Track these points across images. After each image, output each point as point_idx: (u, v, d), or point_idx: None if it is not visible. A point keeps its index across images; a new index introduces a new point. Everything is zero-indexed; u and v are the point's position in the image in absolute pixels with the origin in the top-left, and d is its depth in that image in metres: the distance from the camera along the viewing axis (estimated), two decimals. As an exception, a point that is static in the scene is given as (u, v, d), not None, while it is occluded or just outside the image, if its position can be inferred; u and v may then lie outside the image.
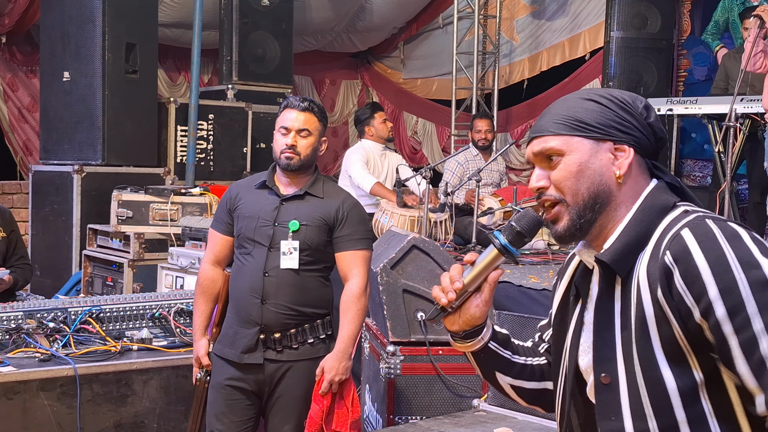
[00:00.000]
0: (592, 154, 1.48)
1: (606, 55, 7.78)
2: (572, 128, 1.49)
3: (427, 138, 10.50)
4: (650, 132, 1.50)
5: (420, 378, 3.73)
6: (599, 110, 1.49)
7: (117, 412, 3.37)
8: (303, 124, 3.12)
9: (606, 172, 1.48)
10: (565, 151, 1.49)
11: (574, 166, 1.48)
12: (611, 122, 1.48)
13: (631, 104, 1.50)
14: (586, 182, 1.47)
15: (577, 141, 1.48)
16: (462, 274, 1.54)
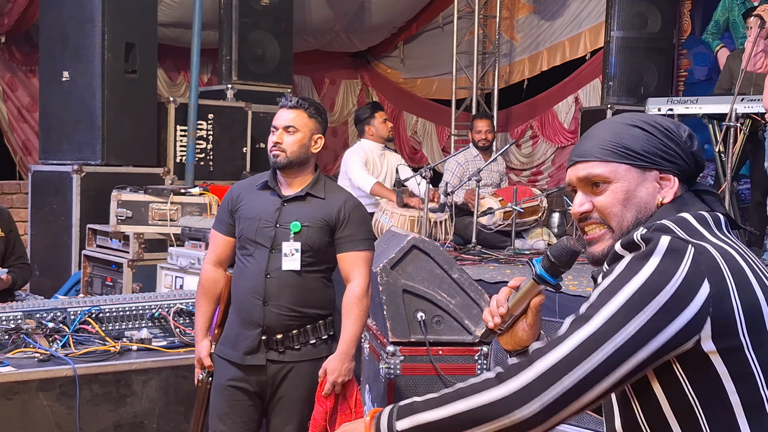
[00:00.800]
0: (639, 183, 1.48)
1: (606, 54, 7.78)
2: (619, 155, 1.49)
3: (427, 138, 10.49)
4: (693, 161, 1.51)
5: (420, 378, 3.72)
6: (645, 138, 1.49)
7: (116, 412, 3.36)
8: (289, 121, 3.12)
9: (651, 200, 1.49)
10: (612, 179, 1.49)
11: (621, 194, 1.49)
12: (657, 151, 1.48)
13: (676, 133, 1.50)
14: (632, 210, 1.49)
15: (625, 169, 1.49)
16: (507, 299, 1.58)
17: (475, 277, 4.13)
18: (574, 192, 1.57)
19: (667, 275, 1.33)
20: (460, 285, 3.82)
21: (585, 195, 1.53)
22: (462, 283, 3.82)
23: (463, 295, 3.82)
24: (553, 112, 9.17)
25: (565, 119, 9.03)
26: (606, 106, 7.64)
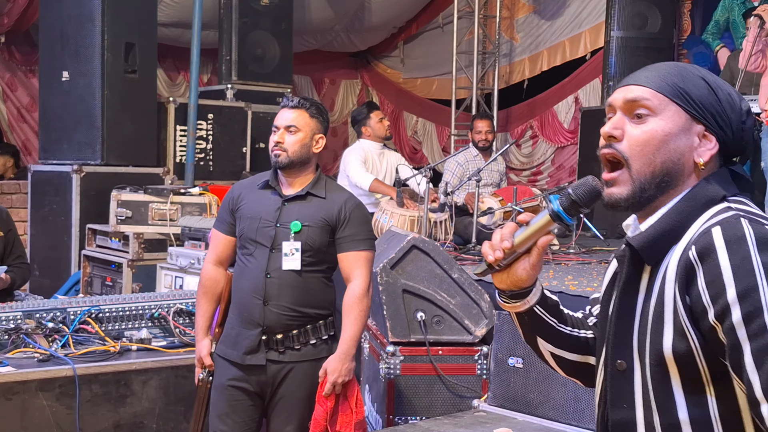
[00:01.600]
0: (682, 130, 1.40)
1: (606, 54, 7.78)
2: (676, 94, 1.40)
3: (427, 138, 10.50)
4: (740, 136, 1.45)
5: (420, 378, 3.72)
6: (708, 91, 1.41)
7: (116, 412, 3.36)
8: (291, 121, 3.12)
9: (687, 153, 1.40)
10: (659, 113, 1.40)
11: (660, 132, 1.40)
12: (713, 108, 1.41)
13: (735, 101, 1.44)
14: (664, 155, 1.40)
15: (675, 109, 1.40)
16: (513, 234, 1.48)
17: (475, 276, 4.13)
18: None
19: None
20: (460, 285, 3.82)
21: (623, 120, 1.44)
22: (462, 283, 3.82)
23: (463, 295, 3.82)
24: (553, 112, 9.17)
25: (565, 119, 9.02)
26: (606, 106, 7.63)
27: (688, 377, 1.33)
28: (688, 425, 1.34)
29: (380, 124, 6.00)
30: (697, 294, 1.30)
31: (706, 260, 1.28)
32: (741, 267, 1.26)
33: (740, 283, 1.25)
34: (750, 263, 1.25)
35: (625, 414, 1.40)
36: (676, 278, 1.33)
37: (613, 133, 1.44)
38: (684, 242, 1.35)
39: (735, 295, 1.25)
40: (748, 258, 1.26)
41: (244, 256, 3.14)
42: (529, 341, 1.66)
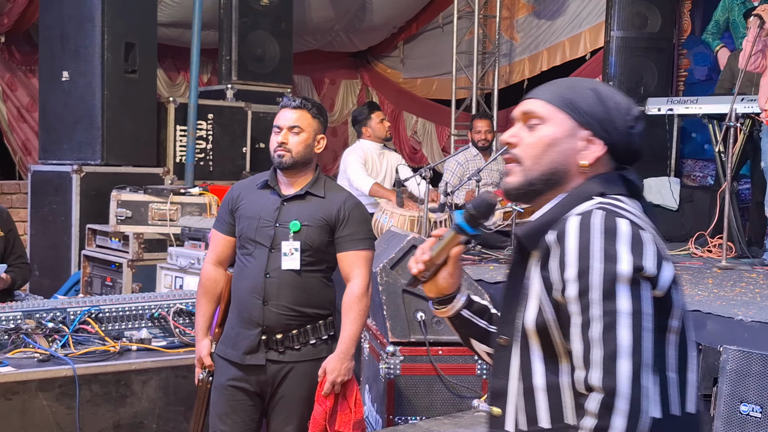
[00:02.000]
0: (569, 134, 1.58)
1: (606, 54, 7.77)
2: (563, 104, 1.59)
3: (427, 138, 10.49)
4: (628, 140, 1.60)
5: (420, 378, 3.72)
6: (595, 101, 1.59)
7: (116, 412, 3.36)
8: (294, 122, 3.12)
9: (572, 155, 1.58)
10: (548, 121, 1.59)
11: (546, 137, 1.59)
12: (599, 115, 1.57)
13: (623, 109, 1.59)
14: (550, 156, 1.58)
15: (563, 117, 1.59)
16: (431, 248, 1.68)
17: (475, 277, 4.13)
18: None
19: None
20: (460, 285, 3.82)
21: (520, 129, 1.64)
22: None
23: (462, 295, 3.82)
24: (553, 112, 9.17)
25: (565, 119, 9.02)
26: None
27: (546, 348, 1.51)
28: (542, 391, 1.52)
29: (381, 125, 5.99)
30: (550, 272, 1.49)
31: (560, 243, 1.47)
32: (583, 250, 1.44)
33: (580, 263, 1.44)
34: (590, 248, 1.44)
35: (501, 383, 1.58)
36: (539, 259, 1.52)
37: (510, 140, 1.63)
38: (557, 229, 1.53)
39: (575, 273, 1.44)
40: (589, 243, 1.44)
41: (244, 256, 3.14)
42: (465, 343, 1.82)
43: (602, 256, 1.43)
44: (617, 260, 1.42)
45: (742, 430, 2.96)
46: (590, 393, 1.42)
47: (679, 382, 1.52)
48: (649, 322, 1.43)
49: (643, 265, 1.44)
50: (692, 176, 8.00)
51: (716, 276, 4.64)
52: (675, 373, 1.51)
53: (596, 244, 1.44)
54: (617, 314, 1.41)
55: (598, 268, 1.42)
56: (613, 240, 1.43)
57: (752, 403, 2.95)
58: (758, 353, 3.00)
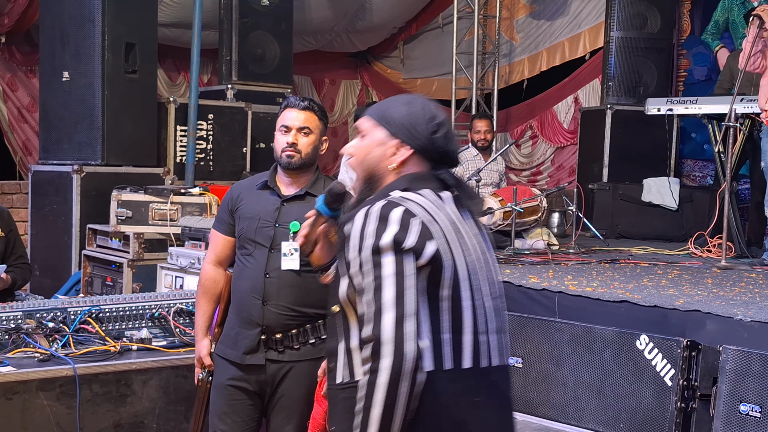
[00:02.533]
0: (379, 142, 1.96)
1: (606, 55, 7.79)
2: (379, 118, 1.96)
3: (426, 138, 10.49)
4: (433, 144, 1.94)
5: (420, 378, 3.72)
6: (403, 113, 1.95)
7: (116, 412, 3.37)
8: (304, 123, 3.11)
9: (383, 160, 1.95)
10: (365, 133, 1.98)
11: (364, 148, 1.98)
12: (406, 126, 1.93)
13: (427, 119, 1.95)
14: (367, 161, 1.97)
15: (378, 129, 1.96)
16: (306, 228, 2.18)
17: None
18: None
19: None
20: (460, 285, 3.82)
21: (356, 141, 2.01)
22: (461, 283, 3.83)
23: (462, 295, 3.83)
24: (552, 112, 9.18)
25: (565, 119, 9.03)
26: (605, 106, 7.65)
27: (357, 315, 1.87)
28: (356, 350, 1.89)
29: None
30: (345, 253, 1.86)
31: (349, 229, 1.85)
32: (360, 234, 1.82)
33: (357, 244, 1.82)
34: (364, 231, 1.81)
35: (332, 344, 1.97)
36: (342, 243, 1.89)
37: (348, 151, 2.03)
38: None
39: (355, 253, 1.83)
40: (364, 227, 1.82)
41: (243, 257, 3.14)
42: None
43: (372, 235, 1.79)
44: (382, 237, 1.79)
45: (742, 430, 2.97)
46: (366, 344, 1.78)
47: (453, 341, 1.83)
48: (412, 282, 1.77)
49: (404, 239, 1.79)
50: (692, 176, 8.01)
51: (716, 276, 4.65)
52: (449, 334, 1.83)
53: (369, 228, 1.81)
54: (382, 278, 1.77)
55: (368, 245, 1.79)
56: (384, 223, 1.80)
57: (752, 402, 2.96)
58: (758, 353, 3.01)
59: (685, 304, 3.60)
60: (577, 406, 3.30)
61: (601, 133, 7.63)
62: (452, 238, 1.86)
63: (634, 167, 7.32)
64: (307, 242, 2.19)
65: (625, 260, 5.27)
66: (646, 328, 3.41)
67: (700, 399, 3.15)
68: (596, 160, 7.68)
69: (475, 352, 1.85)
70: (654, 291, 3.98)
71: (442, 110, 2.01)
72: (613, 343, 3.34)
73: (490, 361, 1.88)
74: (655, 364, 3.16)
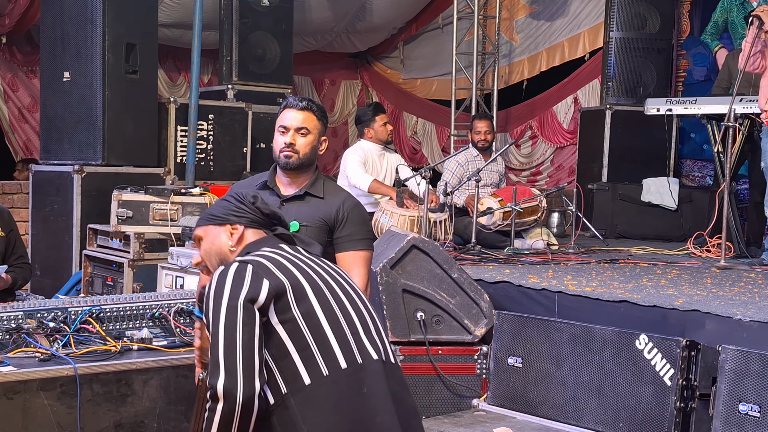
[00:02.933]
0: (216, 235, 2.26)
1: (605, 55, 7.79)
2: (207, 220, 2.28)
3: (426, 138, 10.51)
4: (258, 212, 2.25)
5: (420, 378, 3.73)
6: (224, 204, 2.27)
7: (117, 411, 3.37)
8: (302, 123, 3.11)
9: (224, 244, 2.24)
10: (203, 237, 2.29)
11: (207, 246, 2.28)
12: (229, 212, 2.25)
13: (243, 197, 2.26)
14: (214, 255, 2.27)
15: (211, 228, 2.26)
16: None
17: (474, 276, 4.14)
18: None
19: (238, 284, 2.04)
20: (460, 285, 3.84)
21: (199, 250, 2.32)
22: (461, 283, 3.84)
23: (462, 295, 3.84)
24: (552, 112, 9.18)
25: (564, 119, 9.04)
26: (605, 107, 7.65)
27: None
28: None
29: (383, 128, 6.01)
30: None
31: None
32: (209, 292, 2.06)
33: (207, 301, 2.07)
34: (211, 289, 2.05)
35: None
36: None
37: (196, 261, 2.37)
38: None
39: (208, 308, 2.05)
40: (210, 286, 2.06)
41: (244, 256, 3.15)
42: None
43: (213, 295, 2.03)
44: (222, 295, 2.01)
45: (741, 430, 2.97)
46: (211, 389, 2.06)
47: (321, 351, 2.02)
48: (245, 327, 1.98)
49: (239, 293, 2.00)
50: (691, 176, 8.01)
51: (715, 276, 4.65)
52: (314, 347, 2.02)
53: (212, 288, 2.04)
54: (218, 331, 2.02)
55: (211, 305, 2.03)
56: (223, 281, 2.02)
57: (751, 402, 2.97)
58: (757, 353, 3.01)
59: (685, 304, 3.60)
60: (577, 405, 3.31)
61: (601, 134, 7.64)
62: (289, 269, 2.08)
63: (634, 167, 7.33)
64: (204, 353, 2.41)
65: (624, 260, 5.28)
66: (645, 328, 3.42)
67: (699, 399, 3.16)
68: (596, 160, 7.69)
69: (347, 353, 2.05)
70: (653, 291, 3.99)
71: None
72: (612, 342, 3.34)
73: (368, 357, 2.08)
74: (654, 364, 3.17)
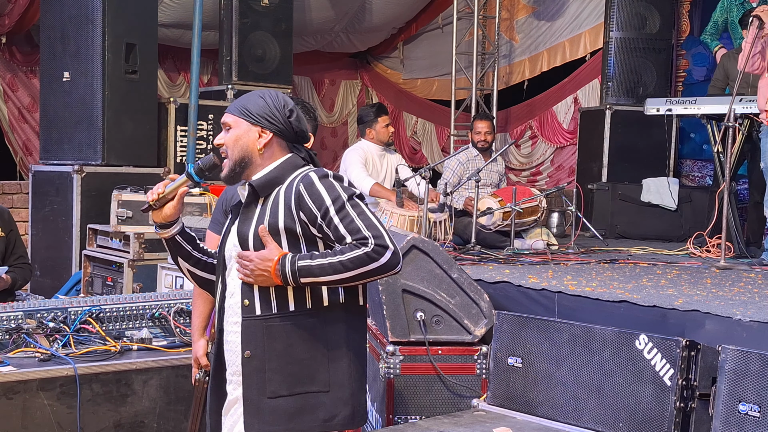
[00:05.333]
0: (246, 131, 2.44)
1: (605, 55, 7.79)
2: (242, 113, 2.45)
3: (426, 138, 10.51)
4: (290, 127, 2.47)
5: (419, 378, 3.73)
6: (260, 105, 2.45)
7: (117, 411, 3.38)
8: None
9: (252, 143, 2.45)
10: (232, 127, 2.46)
11: (234, 136, 2.45)
12: (263, 115, 2.44)
13: (281, 107, 2.46)
14: (239, 148, 2.45)
15: (243, 122, 2.45)
16: (165, 186, 2.46)
17: (474, 276, 4.14)
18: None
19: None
20: (460, 285, 3.83)
21: (224, 134, 2.48)
22: (461, 283, 3.84)
23: (462, 295, 3.84)
24: (552, 112, 9.19)
25: (564, 119, 9.04)
26: (605, 107, 7.66)
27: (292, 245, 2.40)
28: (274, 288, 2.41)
29: (385, 130, 6.01)
30: (308, 208, 2.35)
31: (309, 189, 2.36)
32: (329, 187, 2.35)
33: (329, 197, 2.34)
34: (334, 185, 2.36)
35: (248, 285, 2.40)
36: (286, 202, 2.38)
37: (218, 142, 2.48)
38: (285, 185, 2.42)
39: (330, 202, 2.34)
40: (333, 184, 2.37)
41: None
42: (174, 260, 2.63)
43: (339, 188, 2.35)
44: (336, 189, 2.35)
45: (741, 430, 2.97)
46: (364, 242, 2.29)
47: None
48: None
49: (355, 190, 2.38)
50: (691, 176, 8.02)
51: (715, 276, 4.65)
52: None
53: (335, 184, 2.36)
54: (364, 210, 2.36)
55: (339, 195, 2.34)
56: (337, 182, 2.37)
57: (751, 402, 2.97)
58: (757, 353, 3.01)
59: (684, 304, 3.60)
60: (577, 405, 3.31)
61: (601, 134, 7.64)
62: None
63: (634, 167, 7.33)
64: (160, 200, 2.44)
65: (624, 260, 5.28)
66: (645, 328, 3.42)
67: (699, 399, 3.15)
68: (595, 160, 7.69)
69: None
70: (653, 291, 3.99)
71: (289, 98, 2.54)
72: (612, 343, 3.34)
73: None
74: (654, 364, 3.16)
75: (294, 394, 2.39)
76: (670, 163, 7.35)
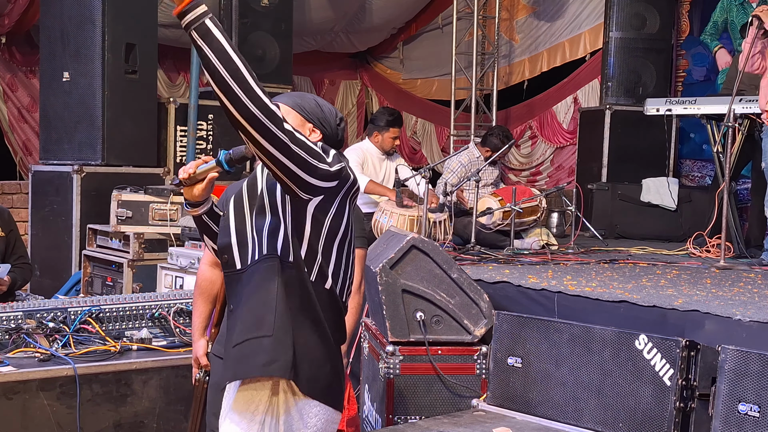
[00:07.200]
0: (299, 125, 2.50)
1: (605, 55, 7.79)
2: (297, 107, 2.55)
3: (426, 138, 10.51)
4: (335, 134, 2.59)
5: (419, 378, 3.73)
6: (314, 106, 2.57)
7: (117, 411, 3.38)
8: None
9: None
10: (285, 116, 2.37)
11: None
12: (316, 116, 2.56)
13: (334, 114, 2.60)
14: None
15: (297, 115, 2.54)
16: (197, 167, 2.47)
17: (474, 276, 4.14)
18: None
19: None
20: (460, 285, 3.83)
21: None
22: (461, 283, 3.84)
23: (462, 295, 3.84)
24: (552, 112, 9.18)
25: (564, 119, 9.04)
26: (605, 107, 7.65)
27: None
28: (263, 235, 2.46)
29: (391, 141, 6.03)
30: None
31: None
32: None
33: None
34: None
35: (225, 240, 2.49)
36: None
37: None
38: None
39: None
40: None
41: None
42: (201, 238, 2.72)
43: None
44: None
45: (741, 430, 2.98)
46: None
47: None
48: None
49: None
50: (690, 176, 8.01)
51: (714, 276, 4.65)
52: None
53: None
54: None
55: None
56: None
57: (750, 402, 2.97)
58: (756, 353, 3.01)
59: (684, 304, 3.60)
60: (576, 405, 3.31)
61: (600, 134, 7.64)
62: None
63: (633, 167, 7.33)
64: (191, 178, 2.46)
65: (624, 260, 5.28)
66: (645, 328, 3.42)
67: (699, 399, 3.16)
68: (595, 161, 7.69)
69: None
70: (653, 291, 3.99)
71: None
72: (612, 343, 3.34)
73: None
74: (654, 364, 3.16)
75: (244, 340, 2.40)
76: (669, 163, 7.35)
